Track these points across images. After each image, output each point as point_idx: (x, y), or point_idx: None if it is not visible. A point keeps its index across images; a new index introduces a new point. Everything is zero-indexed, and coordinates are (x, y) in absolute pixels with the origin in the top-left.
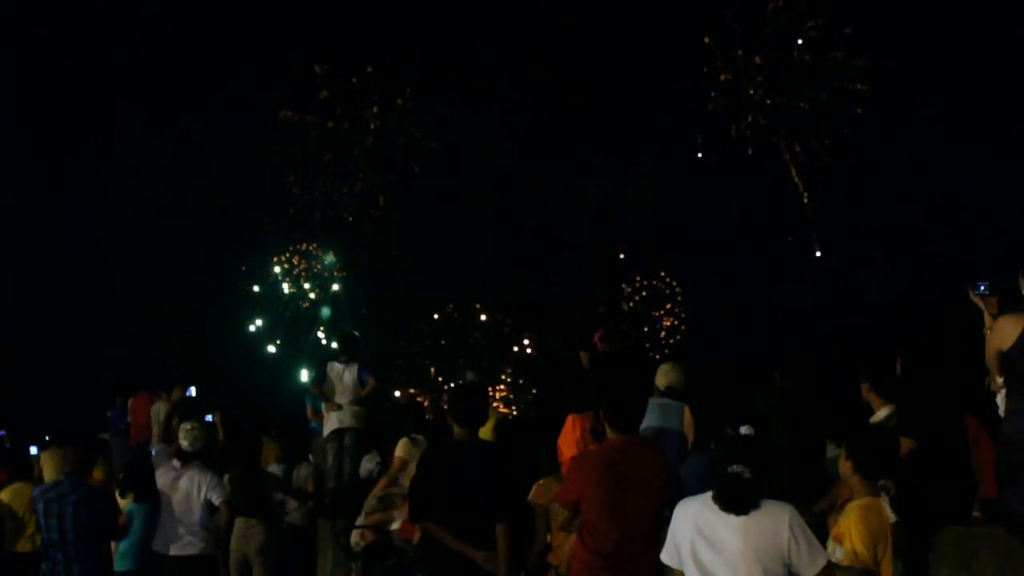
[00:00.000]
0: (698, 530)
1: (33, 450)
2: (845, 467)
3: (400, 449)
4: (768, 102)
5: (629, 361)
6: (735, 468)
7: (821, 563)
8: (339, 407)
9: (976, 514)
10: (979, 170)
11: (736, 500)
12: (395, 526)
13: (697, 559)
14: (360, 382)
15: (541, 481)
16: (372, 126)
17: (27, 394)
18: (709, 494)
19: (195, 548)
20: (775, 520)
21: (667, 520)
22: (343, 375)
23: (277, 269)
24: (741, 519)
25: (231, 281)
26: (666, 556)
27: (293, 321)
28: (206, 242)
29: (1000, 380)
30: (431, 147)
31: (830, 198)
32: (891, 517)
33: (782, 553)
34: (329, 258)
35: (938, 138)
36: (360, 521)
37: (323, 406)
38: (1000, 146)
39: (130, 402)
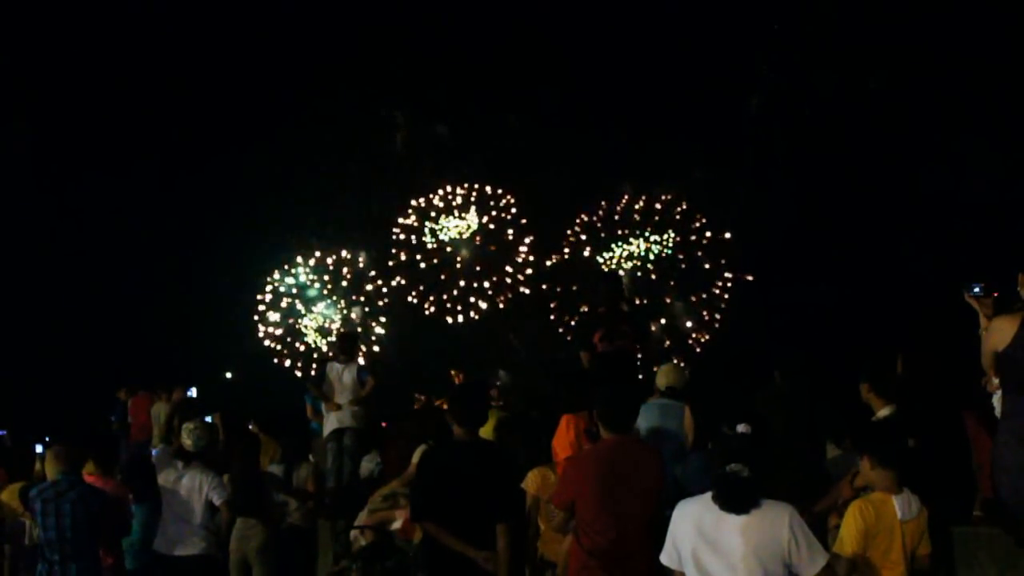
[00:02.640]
0: (698, 531)
1: (39, 448)
2: (865, 465)
3: (418, 456)
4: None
5: (629, 361)
6: (733, 467)
7: (821, 563)
8: (339, 407)
9: (976, 514)
10: (979, 170)
11: (735, 499)
12: (396, 526)
13: (697, 560)
14: (360, 382)
15: (537, 470)
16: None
17: (29, 394)
18: (708, 494)
19: (196, 548)
20: (775, 520)
21: (667, 521)
22: (342, 375)
23: (304, 273)
24: (741, 519)
25: (241, 282)
26: (666, 558)
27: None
28: (218, 245)
29: (996, 380)
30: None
31: (830, 199)
32: (898, 515)
33: (782, 553)
34: (362, 258)
35: (939, 138)
36: (363, 517)
37: (323, 406)
38: (1001, 146)
39: (130, 402)
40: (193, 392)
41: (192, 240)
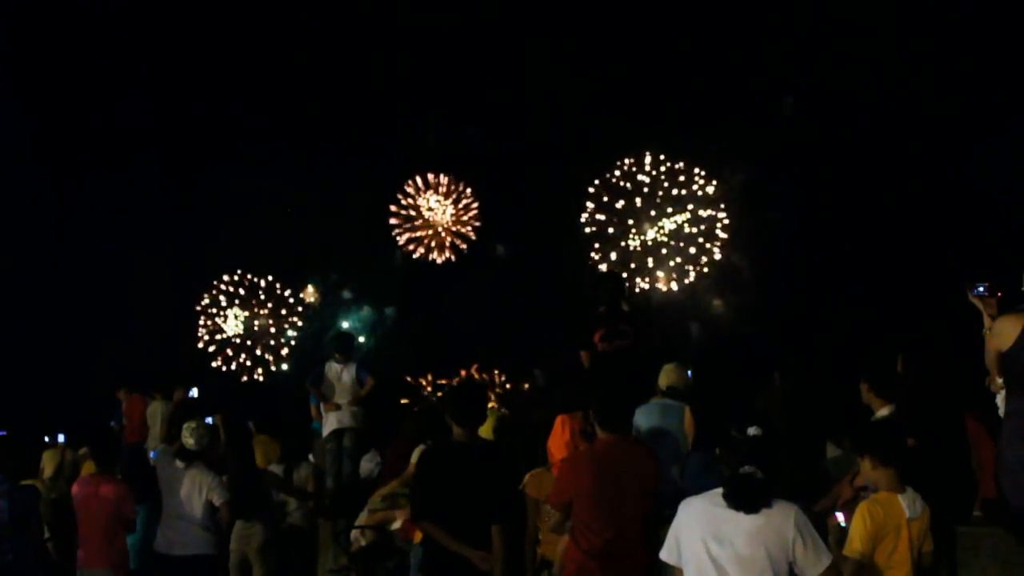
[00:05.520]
0: (705, 528)
1: (61, 438)
2: (866, 466)
3: (416, 456)
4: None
5: (629, 361)
6: (747, 469)
7: (825, 562)
8: (338, 407)
9: (976, 514)
10: (980, 170)
11: (749, 499)
12: (396, 526)
13: (703, 557)
14: (359, 382)
15: (534, 471)
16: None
17: (30, 394)
18: (714, 492)
19: (196, 548)
20: (782, 519)
21: (667, 520)
22: (341, 375)
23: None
24: (750, 518)
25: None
26: (666, 553)
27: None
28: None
29: (1000, 380)
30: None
31: (830, 197)
32: (906, 513)
33: (787, 552)
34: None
35: (939, 138)
36: (363, 518)
37: (321, 406)
38: (1001, 146)
39: (124, 403)
40: (194, 392)
41: (201, 239)
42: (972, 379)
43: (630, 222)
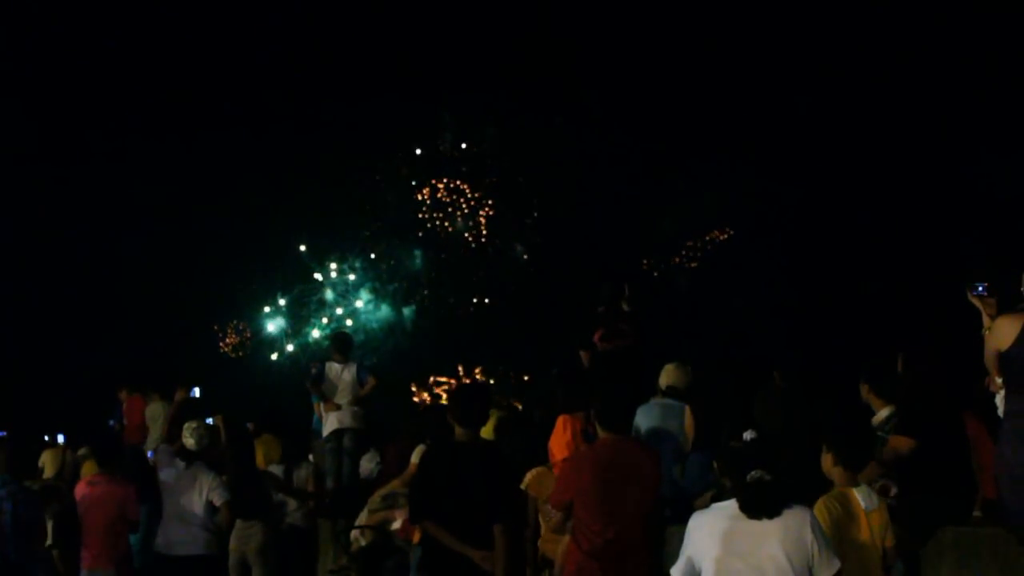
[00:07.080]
0: (722, 544)
1: (60, 438)
2: (827, 459)
3: (416, 456)
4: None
5: (629, 361)
6: (755, 474)
7: (837, 565)
8: (338, 407)
9: (976, 514)
10: (980, 170)
11: (766, 504)
12: (396, 525)
13: (725, 571)
14: (359, 382)
15: (535, 470)
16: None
17: (30, 395)
18: (724, 505)
19: (197, 548)
20: (799, 522)
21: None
22: (342, 374)
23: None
24: (770, 524)
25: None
26: (678, 572)
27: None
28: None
29: (999, 380)
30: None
31: (830, 196)
32: (862, 504)
33: (807, 555)
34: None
35: (939, 137)
36: (362, 518)
37: (321, 406)
38: (1001, 145)
39: (124, 404)
40: (196, 392)
41: (209, 239)
42: (972, 379)
43: None
